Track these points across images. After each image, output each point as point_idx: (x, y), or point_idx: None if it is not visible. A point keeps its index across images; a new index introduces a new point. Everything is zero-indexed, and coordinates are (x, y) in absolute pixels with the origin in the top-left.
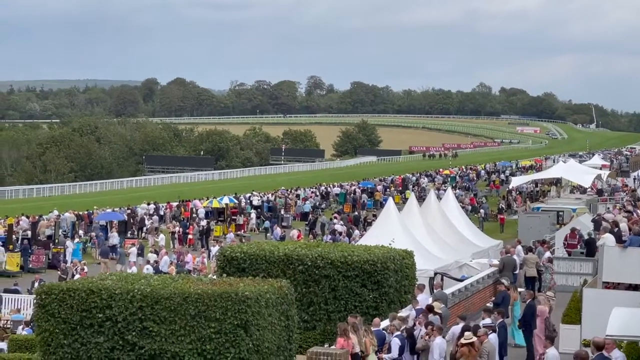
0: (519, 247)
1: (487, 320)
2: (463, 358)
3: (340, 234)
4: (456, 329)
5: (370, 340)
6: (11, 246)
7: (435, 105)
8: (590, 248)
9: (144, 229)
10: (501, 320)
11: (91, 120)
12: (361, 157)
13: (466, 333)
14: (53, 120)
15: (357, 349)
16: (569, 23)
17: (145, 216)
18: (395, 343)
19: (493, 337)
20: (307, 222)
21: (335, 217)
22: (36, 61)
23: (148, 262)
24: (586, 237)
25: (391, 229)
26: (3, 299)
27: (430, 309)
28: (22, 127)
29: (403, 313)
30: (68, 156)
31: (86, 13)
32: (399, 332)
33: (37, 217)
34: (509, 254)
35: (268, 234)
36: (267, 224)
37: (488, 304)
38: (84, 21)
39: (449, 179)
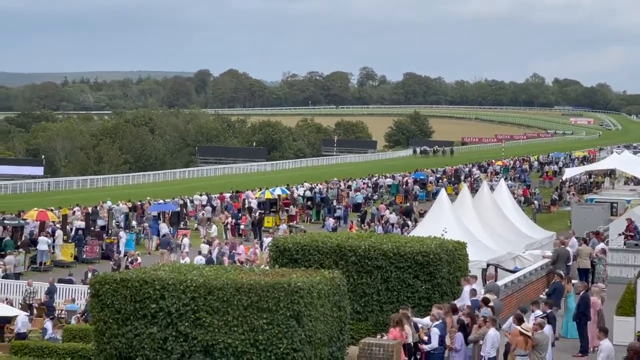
0: (573, 239)
1: (538, 312)
2: (519, 347)
3: (393, 225)
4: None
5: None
6: (65, 237)
7: (487, 96)
8: None
9: (197, 218)
10: (550, 311)
11: (146, 112)
12: (413, 148)
13: (524, 324)
14: (105, 112)
15: (410, 340)
16: (623, 13)
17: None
18: (435, 333)
19: (548, 329)
20: (359, 214)
21: (388, 209)
22: (90, 53)
23: (199, 253)
24: None
25: (444, 220)
26: (58, 289)
27: (485, 301)
28: (75, 119)
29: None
30: (122, 147)
31: (140, 5)
32: (438, 322)
33: (90, 208)
34: (563, 246)
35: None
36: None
37: (541, 296)
38: (138, 13)
39: (501, 170)
